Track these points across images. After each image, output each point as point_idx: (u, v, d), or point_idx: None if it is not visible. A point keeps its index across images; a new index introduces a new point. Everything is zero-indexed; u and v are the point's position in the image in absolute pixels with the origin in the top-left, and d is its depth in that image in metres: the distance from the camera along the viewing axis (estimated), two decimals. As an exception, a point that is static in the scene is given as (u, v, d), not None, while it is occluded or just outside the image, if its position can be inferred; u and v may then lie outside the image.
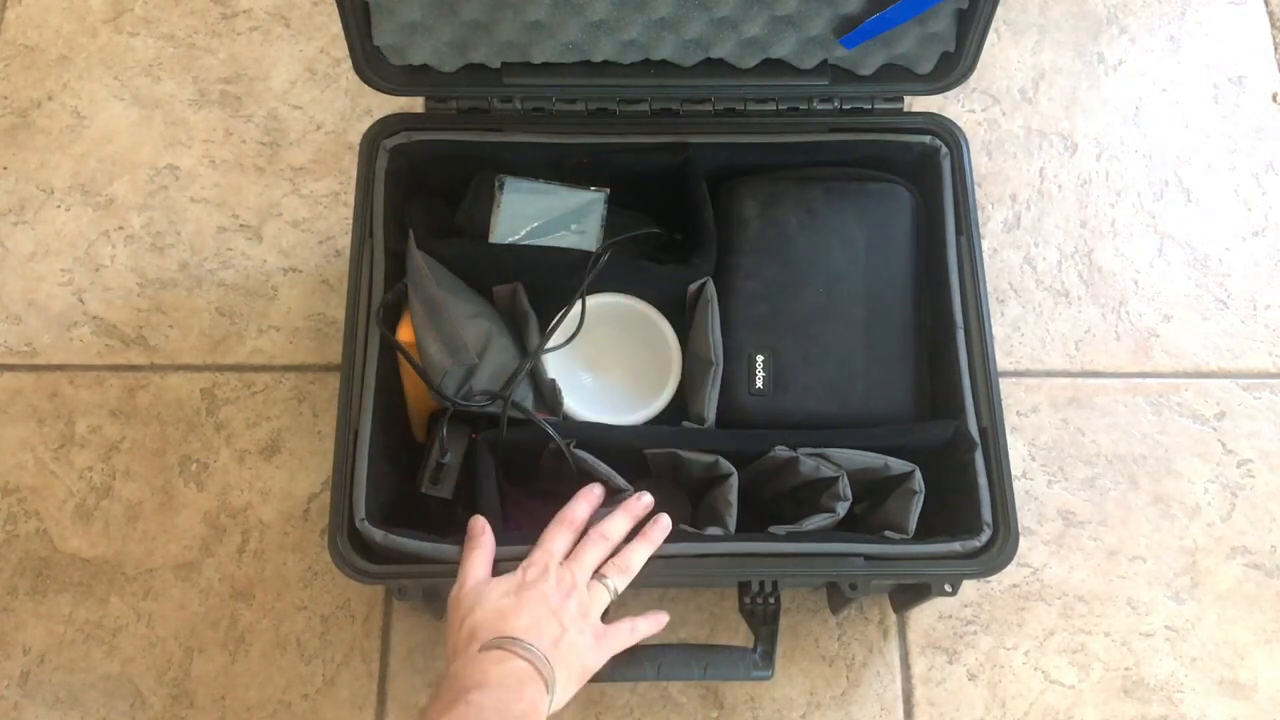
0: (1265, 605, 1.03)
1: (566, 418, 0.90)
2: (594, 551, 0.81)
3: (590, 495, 0.85)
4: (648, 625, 0.83)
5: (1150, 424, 1.09)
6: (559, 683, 0.74)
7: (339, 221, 1.15)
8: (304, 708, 0.98)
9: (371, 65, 0.89)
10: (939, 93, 0.92)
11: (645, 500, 0.85)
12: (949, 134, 0.94)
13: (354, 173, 0.93)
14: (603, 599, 0.80)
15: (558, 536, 0.81)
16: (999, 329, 1.12)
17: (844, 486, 0.85)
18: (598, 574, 0.80)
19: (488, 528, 0.82)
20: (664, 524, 0.83)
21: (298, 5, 1.25)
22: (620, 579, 0.81)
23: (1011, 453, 0.86)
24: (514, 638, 0.73)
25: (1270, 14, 1.27)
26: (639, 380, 0.94)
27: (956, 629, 1.01)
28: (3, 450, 1.07)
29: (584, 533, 0.82)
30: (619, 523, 0.83)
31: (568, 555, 0.81)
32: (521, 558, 0.80)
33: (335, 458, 0.84)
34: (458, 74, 0.91)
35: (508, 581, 0.78)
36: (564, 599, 0.77)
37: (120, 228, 1.15)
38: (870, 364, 0.91)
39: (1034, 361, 1.11)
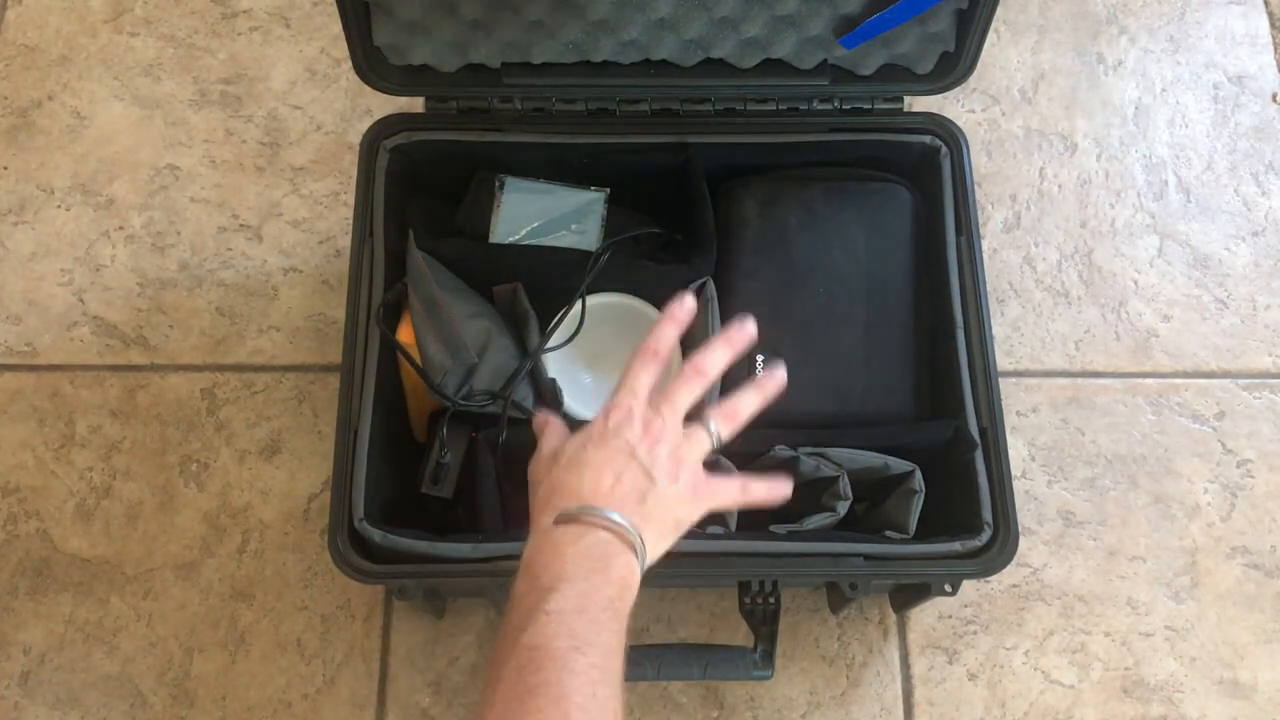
0: (1265, 605, 1.03)
1: (567, 417, 0.90)
2: (688, 388, 0.70)
3: (679, 313, 0.73)
4: (763, 489, 0.72)
5: (1150, 424, 1.09)
6: (650, 541, 0.65)
7: (339, 221, 1.15)
8: (304, 708, 0.98)
9: (371, 65, 0.89)
10: (939, 93, 0.92)
11: (749, 330, 0.73)
12: (949, 134, 0.94)
13: (354, 173, 0.93)
14: (703, 445, 0.70)
15: (642, 372, 0.70)
16: (999, 329, 1.12)
17: (844, 486, 0.85)
18: (697, 416, 0.70)
19: (553, 418, 0.75)
20: (779, 376, 0.73)
21: (298, 5, 1.25)
22: (725, 425, 0.71)
23: (1011, 453, 0.86)
24: (591, 506, 0.64)
25: (1270, 14, 1.27)
26: (639, 380, 0.94)
27: (956, 629, 1.01)
28: (3, 450, 1.07)
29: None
30: (718, 355, 0.72)
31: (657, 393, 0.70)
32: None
33: (335, 458, 0.84)
34: (458, 74, 0.91)
35: (585, 432, 0.69)
36: (653, 444, 0.67)
37: (120, 228, 1.15)
38: (870, 364, 0.91)
39: (1034, 361, 1.11)
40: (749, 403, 0.72)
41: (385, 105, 0.94)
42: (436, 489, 0.87)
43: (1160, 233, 1.17)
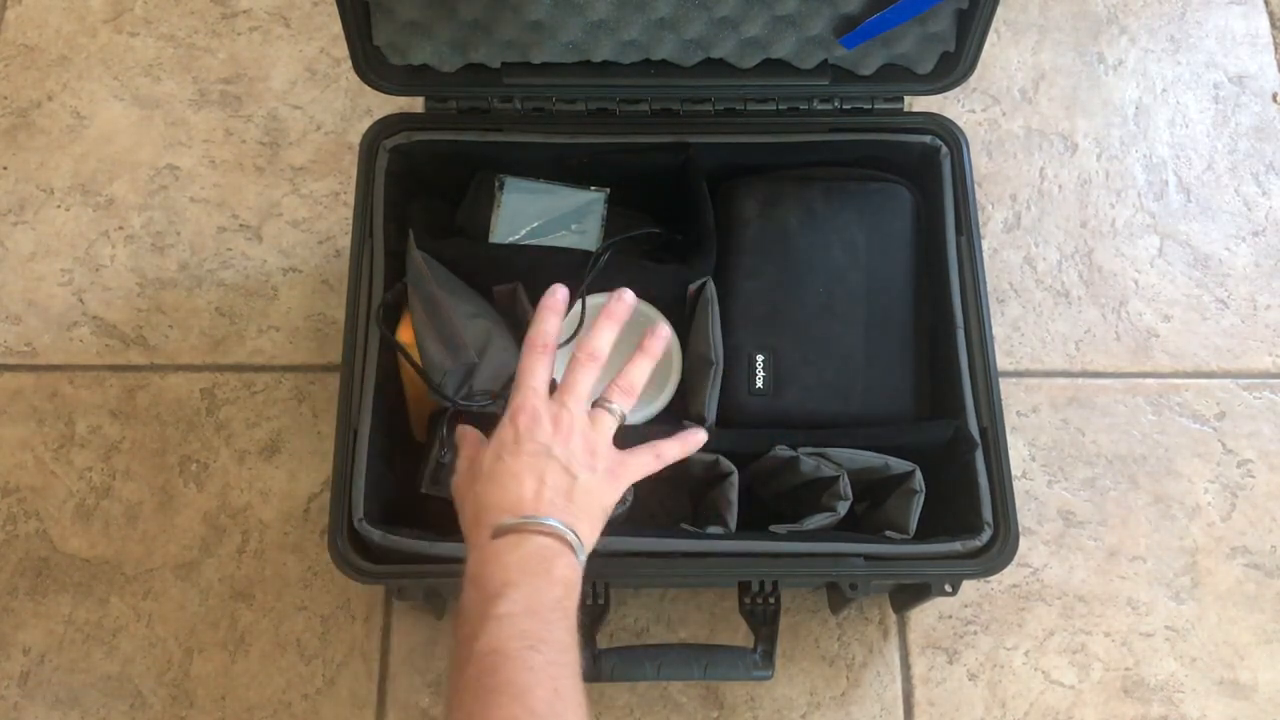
0: (1265, 605, 1.03)
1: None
2: (586, 376, 0.72)
3: (554, 304, 0.75)
4: (675, 448, 0.75)
5: (1150, 424, 1.09)
6: (583, 534, 0.67)
7: (339, 221, 1.15)
8: (304, 708, 0.98)
9: (371, 65, 0.89)
10: (939, 93, 0.92)
11: (627, 299, 0.76)
12: (949, 134, 0.94)
13: (354, 173, 0.93)
14: (608, 426, 0.72)
15: (537, 367, 0.72)
16: (999, 329, 1.12)
17: (844, 486, 0.85)
18: (599, 400, 0.72)
19: (469, 429, 0.77)
20: (661, 332, 0.76)
21: (298, 5, 1.25)
22: (624, 400, 0.73)
23: (1011, 453, 0.86)
24: (524, 515, 0.66)
25: (1270, 14, 1.27)
26: (639, 380, 0.94)
27: (956, 629, 1.01)
28: (3, 450, 1.07)
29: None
30: (605, 335, 0.75)
31: (555, 387, 0.72)
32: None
33: (335, 458, 0.84)
34: (458, 74, 0.91)
35: (496, 442, 0.70)
36: (566, 439, 0.69)
37: (120, 228, 1.15)
38: (870, 364, 0.91)
39: (1034, 361, 1.11)
40: (642, 371, 0.75)
41: (385, 105, 0.94)
42: (436, 489, 0.86)
43: (1160, 233, 1.17)
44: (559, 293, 0.76)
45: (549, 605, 0.63)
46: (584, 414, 0.71)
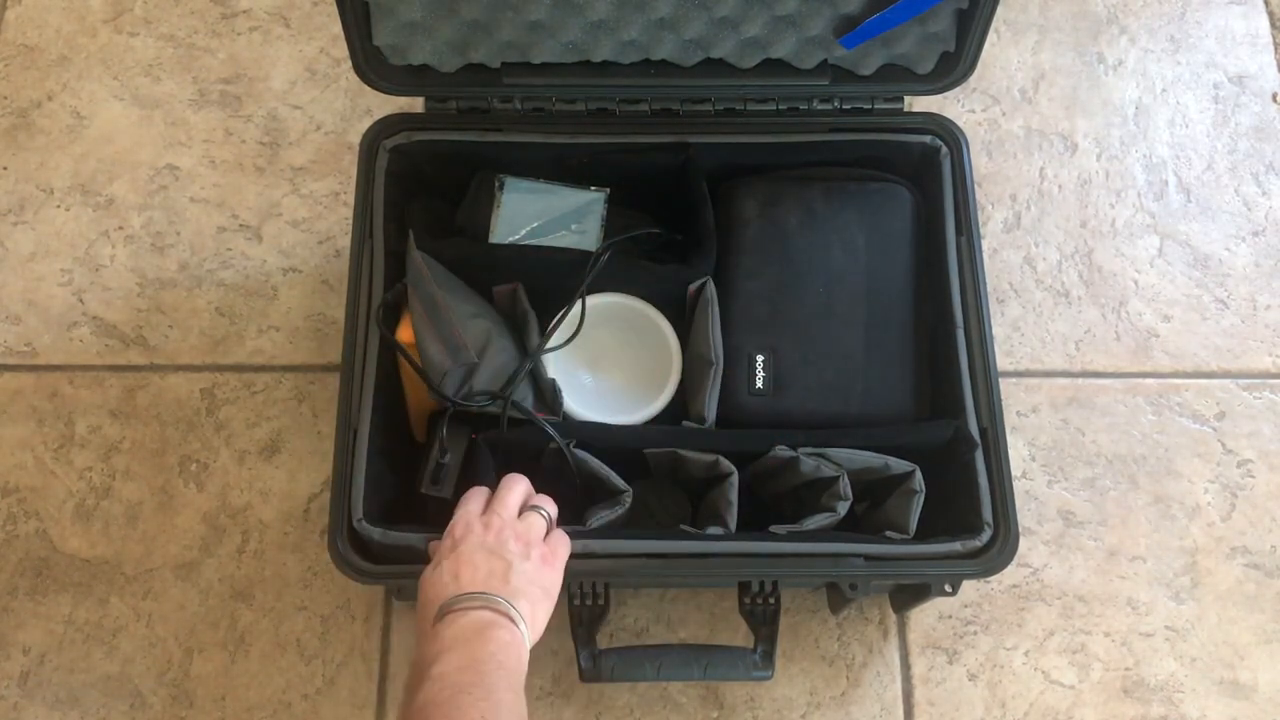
0: (1265, 605, 1.03)
1: (566, 418, 0.90)
2: (512, 492, 0.80)
3: (515, 484, 0.83)
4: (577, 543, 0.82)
5: (1150, 424, 1.09)
6: (524, 612, 0.72)
7: (339, 221, 1.15)
8: (304, 708, 0.98)
9: (371, 65, 0.89)
10: (939, 93, 0.92)
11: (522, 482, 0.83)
12: (949, 134, 0.94)
13: (354, 173, 0.93)
14: (539, 525, 0.79)
15: (470, 498, 0.80)
16: (999, 329, 1.12)
17: (844, 486, 0.85)
18: (526, 507, 0.79)
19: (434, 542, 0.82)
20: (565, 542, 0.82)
21: (298, 5, 1.25)
22: (550, 505, 0.80)
23: (1011, 453, 0.86)
24: (459, 594, 0.71)
25: (1270, 14, 1.27)
26: (639, 380, 0.94)
27: (956, 629, 1.01)
28: (3, 450, 1.07)
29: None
30: (522, 482, 0.82)
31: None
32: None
33: (335, 458, 0.84)
34: (458, 74, 0.91)
35: (436, 555, 0.76)
36: (498, 538, 0.75)
37: (120, 228, 1.15)
38: (870, 364, 0.91)
39: (1034, 361, 1.11)
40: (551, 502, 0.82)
41: (385, 105, 0.94)
42: (436, 489, 0.87)
43: (1160, 233, 1.17)
44: (520, 482, 0.82)
45: (484, 659, 0.68)
46: (514, 516, 0.78)
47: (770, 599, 0.84)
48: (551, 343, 0.91)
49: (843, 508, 0.85)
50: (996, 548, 0.83)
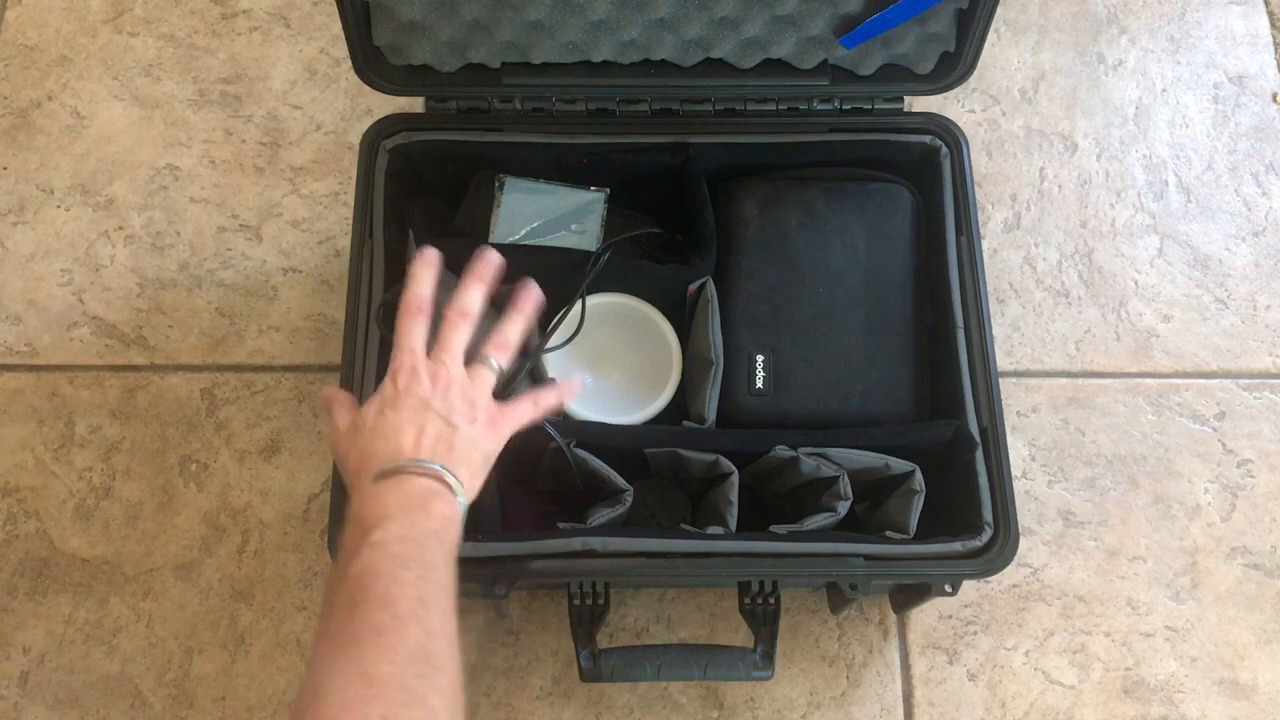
0: (1265, 605, 1.03)
1: (566, 418, 0.90)
2: (458, 333, 0.75)
3: (426, 263, 0.77)
4: (552, 397, 0.78)
5: (1150, 424, 1.09)
6: (464, 481, 0.70)
7: (339, 221, 1.15)
8: (304, 708, 0.98)
9: (371, 65, 0.89)
10: (939, 93, 0.92)
11: (491, 257, 0.79)
12: (949, 134, 0.94)
13: (354, 173, 0.93)
14: (487, 380, 0.75)
15: (412, 329, 0.75)
16: (999, 329, 1.12)
17: (844, 486, 0.85)
18: (476, 357, 0.76)
19: (338, 391, 0.79)
20: (533, 292, 0.79)
21: (298, 5, 1.25)
22: (500, 355, 0.76)
23: (1011, 453, 0.86)
24: (405, 460, 0.69)
25: (1270, 14, 1.27)
26: (639, 380, 0.94)
27: (956, 629, 1.01)
28: (3, 450, 1.07)
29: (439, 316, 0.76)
30: (473, 294, 0.77)
31: (431, 347, 0.75)
32: (524, 555, 0.80)
33: (335, 458, 0.84)
34: (458, 74, 0.91)
35: (378, 399, 0.73)
36: (444, 394, 0.72)
37: (120, 228, 1.15)
38: (870, 364, 0.91)
39: (1034, 361, 1.11)
40: (516, 328, 0.78)
41: (385, 105, 0.94)
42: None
43: (1160, 233, 1.17)
44: (428, 252, 0.78)
45: (424, 534, 0.66)
46: (461, 370, 0.74)
47: (770, 599, 0.84)
48: (551, 342, 0.91)
49: (843, 508, 0.85)
50: (996, 548, 0.83)
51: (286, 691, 0.98)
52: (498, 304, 0.94)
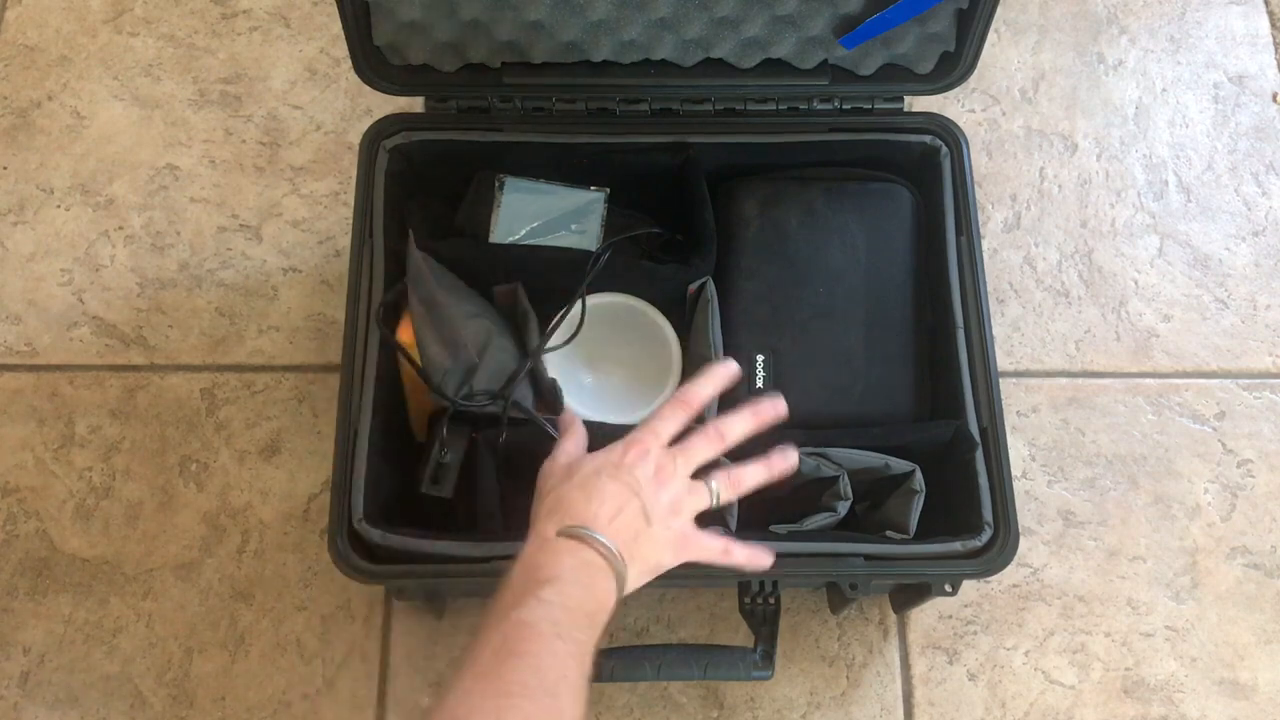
0: (1265, 605, 1.03)
1: (567, 418, 0.90)
2: (705, 447, 0.74)
3: (720, 376, 0.77)
4: (744, 554, 0.75)
5: (1150, 424, 1.09)
6: (630, 577, 0.70)
7: (339, 221, 1.15)
8: (304, 708, 0.98)
9: (371, 65, 0.89)
10: (939, 93, 0.92)
11: (779, 408, 0.76)
12: (949, 134, 0.94)
13: (354, 173, 0.93)
14: (700, 501, 0.73)
15: (670, 417, 0.75)
16: (999, 329, 1.12)
17: (844, 486, 0.85)
18: (703, 474, 0.74)
19: (578, 419, 0.79)
20: (791, 460, 0.77)
21: (298, 5, 1.25)
22: (727, 490, 0.74)
23: (1011, 453, 0.86)
24: (592, 531, 0.68)
25: (1270, 14, 1.27)
26: (639, 380, 0.94)
27: (956, 629, 1.01)
28: (3, 450, 1.07)
29: (700, 420, 0.75)
30: (740, 424, 0.75)
31: (675, 441, 0.74)
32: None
33: (335, 458, 0.84)
34: (457, 74, 0.91)
35: (603, 457, 0.73)
36: (658, 489, 0.71)
37: (120, 228, 1.15)
38: (870, 364, 0.91)
39: (1034, 361, 1.11)
40: (754, 476, 0.75)
41: (385, 105, 0.94)
42: (436, 489, 0.87)
43: (1160, 233, 1.17)
44: (730, 368, 0.78)
45: (584, 612, 0.66)
46: (686, 477, 0.73)
47: (770, 599, 0.84)
48: (551, 343, 0.91)
49: (843, 508, 0.85)
50: (996, 548, 0.83)
51: (286, 691, 0.98)
52: (499, 305, 0.94)
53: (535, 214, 0.96)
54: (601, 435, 0.87)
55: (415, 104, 0.94)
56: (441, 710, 0.60)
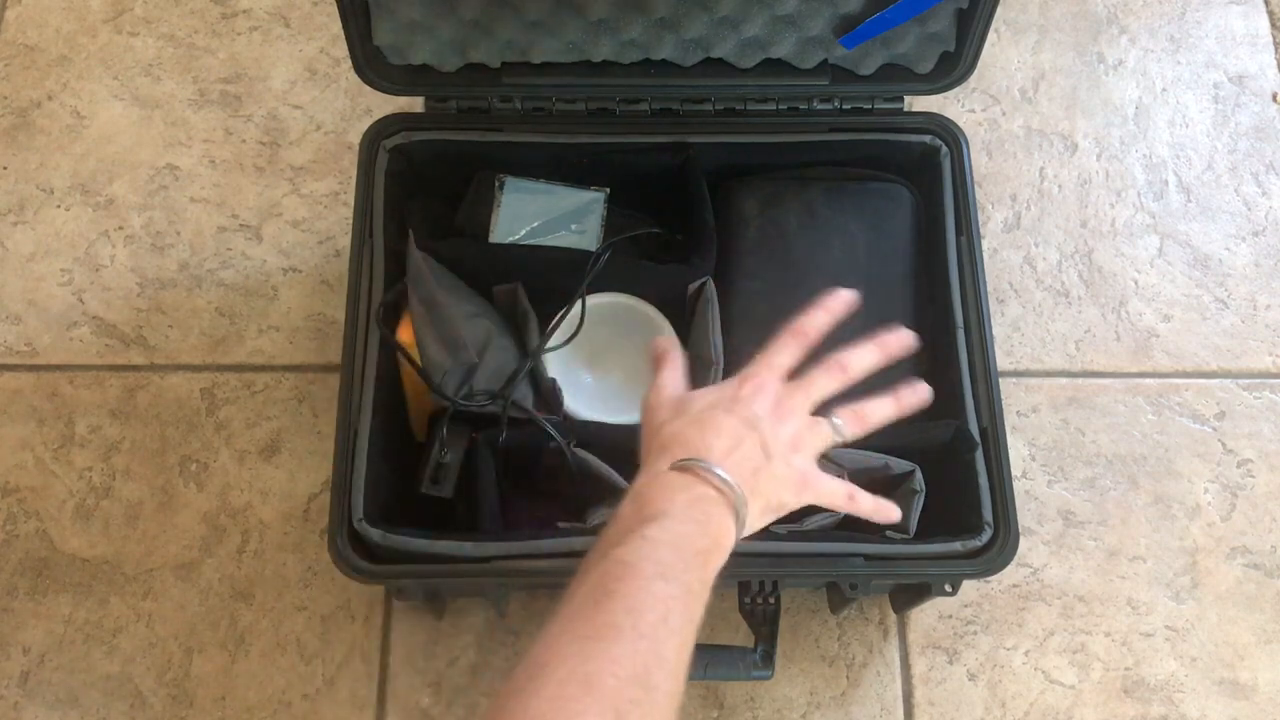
0: (1265, 605, 1.03)
1: (566, 417, 0.90)
2: (827, 381, 0.70)
3: (835, 304, 0.72)
4: (870, 504, 0.71)
5: (1150, 424, 1.09)
6: (750, 514, 0.65)
7: (339, 221, 1.15)
8: (304, 708, 0.98)
9: (371, 65, 0.89)
10: (939, 93, 0.92)
11: (905, 338, 0.72)
12: (949, 134, 0.94)
13: (354, 173, 0.93)
14: (823, 438, 0.69)
15: (785, 349, 0.70)
16: (999, 329, 1.12)
17: (844, 486, 0.85)
18: (827, 409, 0.70)
19: (674, 343, 0.75)
20: (923, 393, 0.72)
21: (298, 5, 1.25)
22: (852, 425, 0.70)
23: (1011, 453, 0.86)
24: (708, 463, 0.64)
25: (1270, 14, 1.27)
26: (639, 380, 0.94)
27: (956, 629, 1.01)
28: (3, 450, 1.07)
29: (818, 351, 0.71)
30: (866, 356, 0.71)
31: (793, 376, 0.70)
32: (524, 555, 0.80)
33: (335, 458, 0.84)
34: (458, 74, 0.91)
35: (716, 393, 0.69)
36: (777, 424, 0.67)
37: (120, 228, 1.15)
38: (870, 364, 0.91)
39: (1034, 361, 1.11)
40: (882, 410, 0.71)
41: (385, 105, 0.94)
42: (436, 489, 0.87)
43: (1160, 233, 1.17)
44: (843, 296, 0.73)
45: (693, 550, 0.62)
46: (807, 413, 0.69)
47: (770, 599, 0.84)
48: (551, 342, 0.91)
49: (843, 507, 0.85)
50: (996, 548, 0.83)
51: (286, 691, 0.98)
52: (499, 305, 0.94)
53: (535, 214, 0.96)
54: (603, 435, 0.88)
55: (415, 104, 0.94)
56: (529, 655, 0.56)
